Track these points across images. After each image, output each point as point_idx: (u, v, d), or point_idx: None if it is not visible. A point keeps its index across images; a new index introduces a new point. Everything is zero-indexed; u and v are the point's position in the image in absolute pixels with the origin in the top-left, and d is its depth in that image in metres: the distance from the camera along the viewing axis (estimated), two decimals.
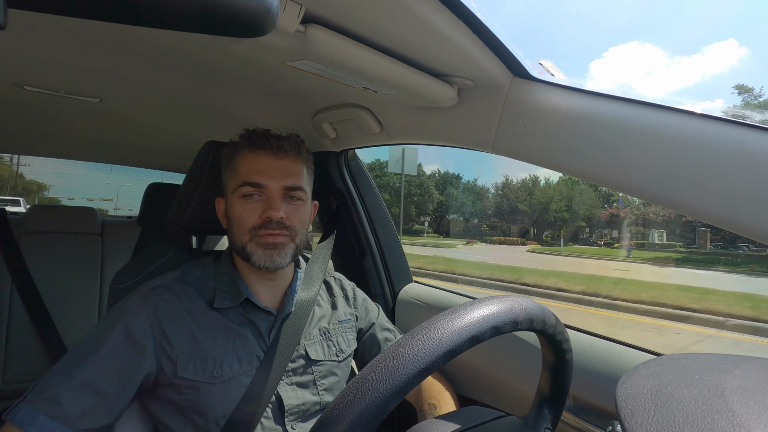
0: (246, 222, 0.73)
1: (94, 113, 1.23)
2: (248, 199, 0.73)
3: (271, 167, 0.74)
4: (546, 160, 0.72)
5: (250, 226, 0.73)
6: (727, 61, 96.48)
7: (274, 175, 0.74)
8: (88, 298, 1.71)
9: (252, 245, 0.73)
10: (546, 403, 0.54)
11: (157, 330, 0.68)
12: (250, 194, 0.73)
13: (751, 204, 0.52)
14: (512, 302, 0.44)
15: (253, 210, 0.73)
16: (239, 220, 0.73)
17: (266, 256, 0.72)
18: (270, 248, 0.73)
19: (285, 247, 0.74)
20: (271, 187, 0.74)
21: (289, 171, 0.76)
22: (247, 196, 0.73)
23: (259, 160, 0.74)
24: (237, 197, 0.74)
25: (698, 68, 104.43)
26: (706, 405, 0.27)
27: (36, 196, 32.75)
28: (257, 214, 0.73)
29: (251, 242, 0.73)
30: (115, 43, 0.77)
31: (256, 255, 0.72)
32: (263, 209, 0.73)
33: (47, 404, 0.59)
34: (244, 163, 0.75)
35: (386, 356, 0.37)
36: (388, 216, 1.34)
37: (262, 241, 0.72)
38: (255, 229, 0.73)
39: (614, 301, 7.36)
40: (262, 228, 0.72)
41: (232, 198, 0.75)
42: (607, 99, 0.66)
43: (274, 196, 0.74)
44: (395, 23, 0.61)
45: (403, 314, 1.22)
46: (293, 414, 0.74)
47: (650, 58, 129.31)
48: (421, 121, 0.95)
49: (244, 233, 0.73)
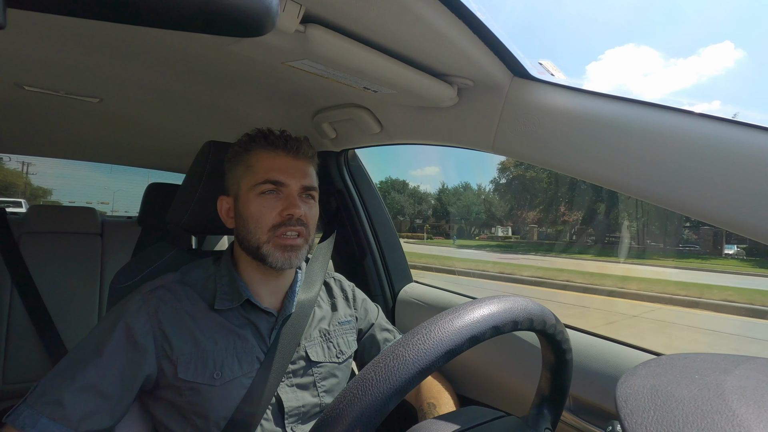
0: (265, 220, 0.73)
1: (94, 113, 1.23)
2: (267, 197, 0.74)
3: (290, 167, 0.76)
4: (546, 159, 0.72)
5: (270, 225, 0.73)
6: (723, 63, 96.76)
7: (293, 174, 0.75)
8: (88, 298, 1.70)
9: (269, 246, 0.73)
10: (546, 402, 0.54)
11: (157, 331, 0.68)
12: (269, 191, 0.74)
13: (751, 204, 0.52)
14: (512, 302, 0.44)
15: (272, 208, 0.73)
16: (257, 217, 0.73)
17: (284, 258, 0.73)
18: (288, 250, 0.73)
19: (301, 248, 0.75)
20: (291, 185, 0.75)
21: (305, 171, 0.78)
22: (265, 194, 0.74)
23: (279, 159, 0.75)
24: (254, 195, 0.74)
25: (695, 70, 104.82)
26: (706, 405, 0.27)
27: (41, 201, 32.88)
28: (276, 212, 0.73)
29: (268, 243, 0.73)
30: (115, 43, 0.77)
31: (273, 256, 0.73)
32: (283, 207, 0.73)
33: (49, 406, 0.59)
34: (263, 161, 0.75)
35: (387, 356, 0.37)
36: (388, 216, 1.34)
37: (281, 242, 0.73)
38: (274, 228, 0.73)
39: (427, 264, 12.72)
40: (282, 226, 0.73)
41: (248, 195, 0.74)
42: (607, 99, 0.66)
43: (293, 194, 0.75)
44: (395, 23, 0.61)
45: (403, 314, 1.22)
46: (293, 416, 0.73)
47: (647, 60, 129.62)
48: (421, 121, 0.95)
49: (262, 232, 0.73)
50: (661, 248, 21.86)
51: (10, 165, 27.14)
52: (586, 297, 8.31)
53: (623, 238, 22.96)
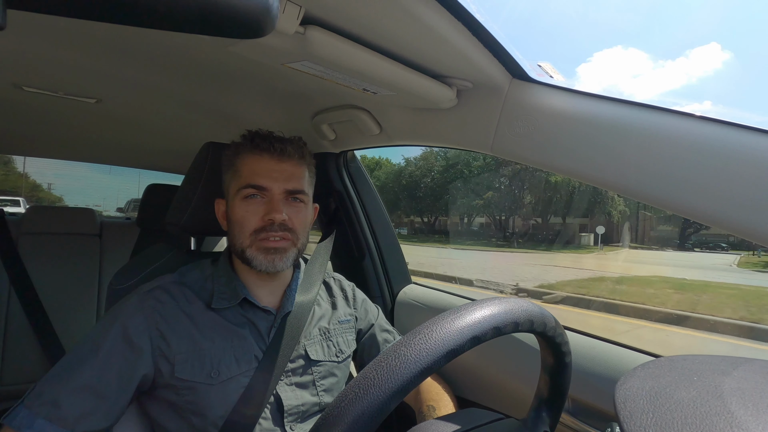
0: (247, 224, 0.73)
1: (93, 114, 1.23)
2: (250, 201, 0.73)
3: (273, 170, 0.74)
4: (545, 161, 0.72)
5: (252, 229, 0.73)
6: (711, 64, 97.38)
7: (276, 178, 0.74)
8: (86, 300, 1.70)
9: (252, 250, 0.73)
10: (545, 405, 0.54)
11: (154, 331, 0.68)
12: (252, 195, 0.73)
13: (749, 206, 0.52)
14: (513, 303, 0.44)
15: (254, 212, 0.73)
16: (240, 222, 0.73)
17: (267, 261, 0.73)
18: (271, 253, 0.73)
19: (287, 251, 0.74)
20: (273, 189, 0.74)
21: (291, 174, 0.76)
22: (248, 198, 0.73)
23: (262, 162, 0.74)
24: (239, 199, 0.74)
25: (684, 71, 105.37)
26: (704, 406, 0.27)
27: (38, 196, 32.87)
28: (259, 217, 0.73)
29: (251, 247, 0.73)
30: (114, 44, 0.77)
31: (257, 259, 0.72)
32: (265, 211, 0.73)
33: (45, 407, 0.59)
34: (246, 165, 0.74)
35: (388, 355, 0.37)
36: (387, 217, 1.34)
37: (263, 245, 0.72)
38: (256, 233, 0.72)
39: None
40: (263, 231, 0.72)
41: (234, 200, 0.74)
42: (606, 101, 0.66)
43: (276, 198, 0.74)
44: (394, 25, 0.61)
45: (403, 316, 1.22)
46: (292, 415, 0.73)
47: (636, 62, 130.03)
48: (420, 123, 0.95)
49: (245, 237, 0.73)
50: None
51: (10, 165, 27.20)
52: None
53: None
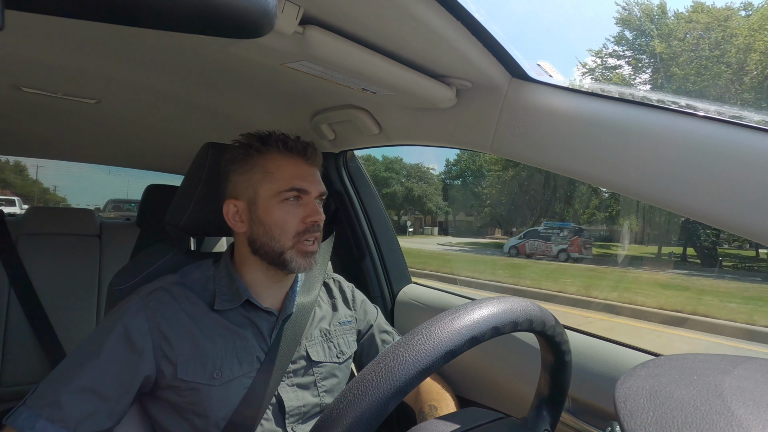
0: (289, 227, 0.74)
1: (92, 115, 1.23)
2: (289, 204, 0.75)
3: (310, 174, 0.78)
4: (544, 161, 0.72)
5: (295, 231, 0.74)
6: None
7: (312, 182, 0.78)
8: (86, 301, 1.70)
9: (292, 252, 0.74)
10: (545, 404, 0.54)
11: (156, 332, 0.68)
12: (294, 198, 0.75)
13: (750, 205, 0.52)
14: (512, 303, 0.44)
15: (295, 214, 0.75)
16: (282, 224, 0.74)
17: (306, 263, 0.76)
18: (309, 257, 0.76)
19: (316, 253, 0.79)
20: (312, 192, 0.77)
21: (319, 178, 0.80)
22: (287, 201, 0.75)
23: (299, 166, 0.77)
24: (277, 201, 0.74)
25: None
26: (704, 405, 0.27)
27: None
28: (298, 219, 0.75)
29: (292, 249, 0.74)
30: (113, 45, 0.77)
31: (296, 262, 0.75)
32: (305, 214, 0.75)
33: (47, 408, 0.59)
34: (283, 168, 0.75)
35: (387, 356, 0.37)
36: (387, 217, 1.34)
37: (304, 249, 0.75)
38: (299, 235, 0.75)
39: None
40: (306, 233, 0.75)
41: (270, 202, 0.74)
42: (606, 100, 0.66)
43: (313, 201, 0.77)
44: (394, 24, 0.61)
45: (402, 316, 1.22)
46: (294, 415, 0.73)
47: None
48: (420, 122, 0.95)
49: (287, 239, 0.74)
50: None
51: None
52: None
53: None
